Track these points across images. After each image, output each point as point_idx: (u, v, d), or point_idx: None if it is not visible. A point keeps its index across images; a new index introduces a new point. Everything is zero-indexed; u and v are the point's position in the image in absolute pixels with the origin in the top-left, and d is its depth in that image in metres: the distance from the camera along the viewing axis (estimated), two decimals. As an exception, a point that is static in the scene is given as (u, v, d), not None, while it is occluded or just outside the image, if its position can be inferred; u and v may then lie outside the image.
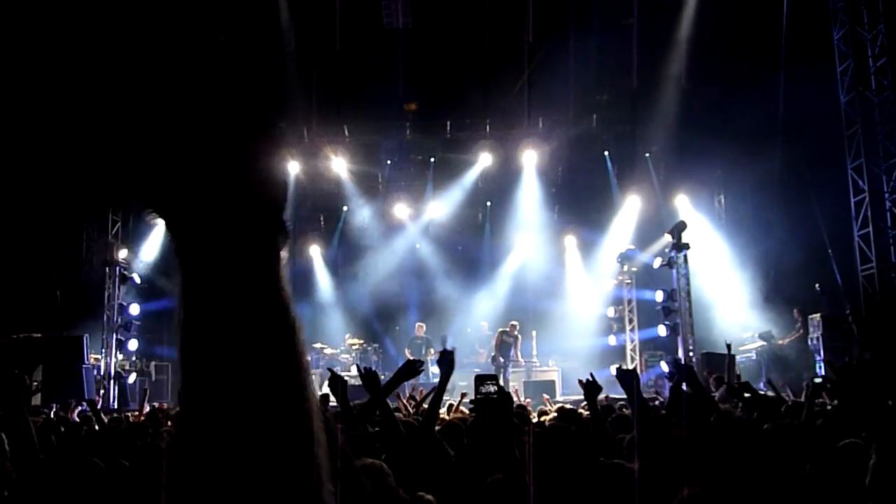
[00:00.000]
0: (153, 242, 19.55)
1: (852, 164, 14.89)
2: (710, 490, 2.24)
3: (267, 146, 0.84)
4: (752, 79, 16.77)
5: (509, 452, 2.80)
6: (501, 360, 16.58)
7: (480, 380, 3.12)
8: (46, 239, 16.91)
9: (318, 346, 18.54)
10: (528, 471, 2.78)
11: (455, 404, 9.57)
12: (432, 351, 17.78)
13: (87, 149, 16.79)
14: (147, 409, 10.20)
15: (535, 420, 7.30)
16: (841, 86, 15.09)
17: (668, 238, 16.58)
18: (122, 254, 17.43)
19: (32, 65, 15.12)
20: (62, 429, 6.10)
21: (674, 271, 16.15)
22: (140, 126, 0.82)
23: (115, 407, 15.17)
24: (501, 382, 14.46)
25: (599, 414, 4.12)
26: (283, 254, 0.82)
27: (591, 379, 4.31)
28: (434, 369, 17.75)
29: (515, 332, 17.48)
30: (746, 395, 6.49)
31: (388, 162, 19.61)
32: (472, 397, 3.09)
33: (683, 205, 18.92)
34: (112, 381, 16.40)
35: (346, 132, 19.06)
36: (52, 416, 8.81)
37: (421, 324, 18.33)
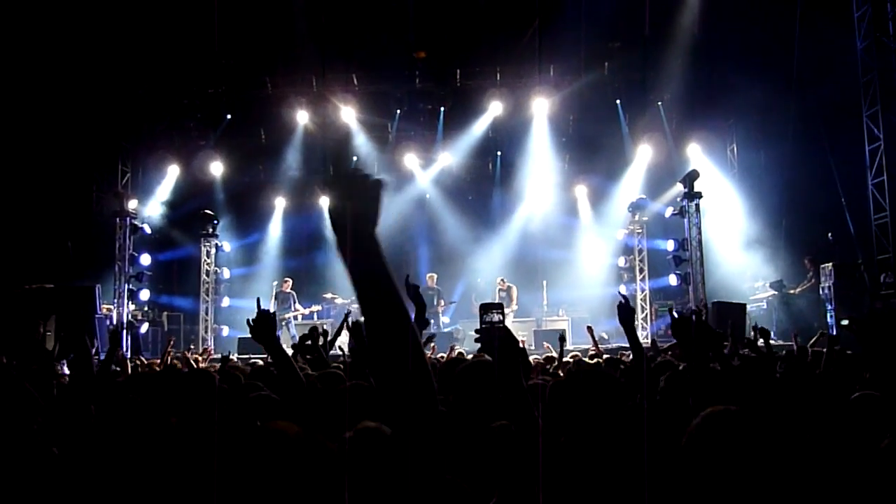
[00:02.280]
0: (163, 193, 19.58)
1: (868, 111, 14.70)
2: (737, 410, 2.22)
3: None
4: (767, 25, 16.48)
5: (518, 385, 2.75)
6: None
7: (485, 308, 2.98)
8: (57, 190, 16.91)
9: (328, 296, 18.64)
10: (537, 407, 2.75)
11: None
12: (443, 302, 17.86)
13: (95, 100, 16.74)
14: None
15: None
16: (858, 32, 14.82)
17: (679, 187, 16.50)
18: (132, 204, 17.44)
19: (42, 17, 14.99)
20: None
21: (685, 220, 16.10)
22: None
23: (129, 356, 15.30)
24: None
25: (637, 340, 3.87)
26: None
27: (623, 301, 3.99)
28: (445, 319, 17.89)
29: (506, 286, 17.76)
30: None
31: (398, 111, 19.43)
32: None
33: (695, 154, 18.79)
34: (125, 331, 16.54)
35: (355, 81, 18.87)
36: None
37: (432, 274, 18.36)
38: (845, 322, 12.61)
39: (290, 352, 4.67)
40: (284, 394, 3.90)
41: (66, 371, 7.43)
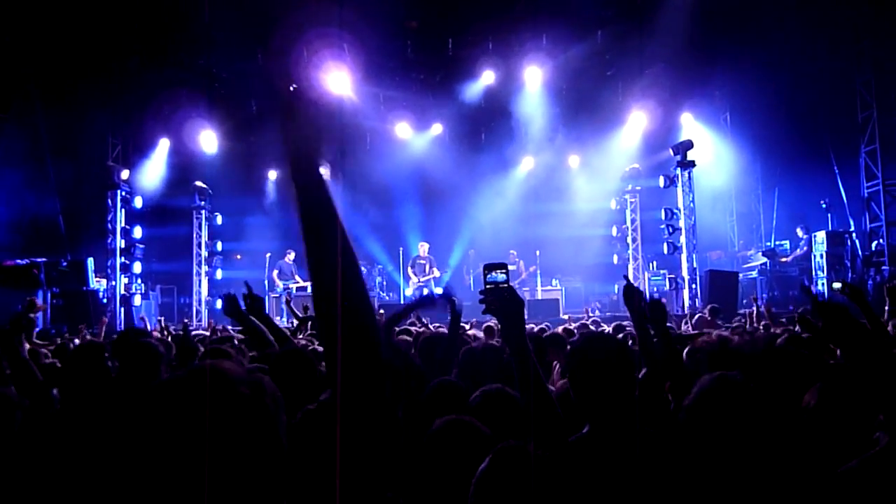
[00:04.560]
0: (153, 166, 19.43)
1: (862, 78, 14.65)
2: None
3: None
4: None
5: (524, 347, 2.69)
6: None
7: (489, 268, 2.82)
8: (47, 163, 16.79)
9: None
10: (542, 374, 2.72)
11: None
12: (436, 270, 17.88)
13: (84, 72, 16.57)
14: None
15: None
16: (852, -2, 14.74)
17: (673, 156, 16.46)
18: (123, 176, 17.33)
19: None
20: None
21: (678, 189, 16.09)
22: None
23: (123, 329, 15.30)
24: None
25: (644, 323, 3.63)
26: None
27: (627, 283, 3.72)
28: (438, 290, 17.88)
29: (516, 259, 18.29)
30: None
31: (390, 81, 19.26)
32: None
33: (689, 122, 18.72)
34: (118, 304, 16.52)
35: (346, 51, 18.67)
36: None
37: (423, 243, 18.34)
38: (838, 285, 12.65)
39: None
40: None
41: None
